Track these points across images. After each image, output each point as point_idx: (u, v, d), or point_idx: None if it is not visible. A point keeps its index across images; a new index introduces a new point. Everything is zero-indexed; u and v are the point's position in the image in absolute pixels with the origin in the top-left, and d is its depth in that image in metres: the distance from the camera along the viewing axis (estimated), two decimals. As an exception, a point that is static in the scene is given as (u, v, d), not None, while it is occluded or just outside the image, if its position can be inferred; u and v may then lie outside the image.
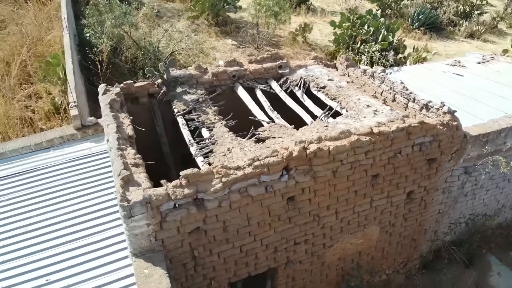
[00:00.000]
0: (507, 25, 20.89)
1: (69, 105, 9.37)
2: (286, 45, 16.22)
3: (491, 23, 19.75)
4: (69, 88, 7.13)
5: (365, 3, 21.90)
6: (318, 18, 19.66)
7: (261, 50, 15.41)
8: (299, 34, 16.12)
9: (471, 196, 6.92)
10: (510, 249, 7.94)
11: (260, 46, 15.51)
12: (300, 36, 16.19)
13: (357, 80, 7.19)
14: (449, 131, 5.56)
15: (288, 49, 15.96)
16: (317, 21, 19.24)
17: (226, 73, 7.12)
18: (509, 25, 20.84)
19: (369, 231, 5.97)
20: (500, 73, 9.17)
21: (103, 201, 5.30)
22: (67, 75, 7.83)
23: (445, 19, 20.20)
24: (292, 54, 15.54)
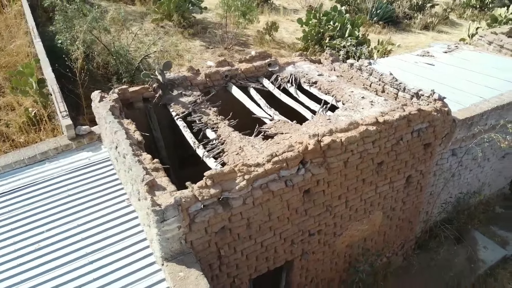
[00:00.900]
0: (457, 16, 22.26)
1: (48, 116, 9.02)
2: (254, 44, 16.37)
3: (443, 15, 20.98)
4: (55, 98, 6.87)
5: (324, 0, 22.50)
6: (281, 16, 19.98)
7: (231, 50, 15.48)
8: (267, 32, 16.32)
9: (457, 176, 7.40)
10: (491, 223, 8.56)
11: (230, 46, 15.55)
12: (268, 35, 16.39)
13: (345, 73, 7.46)
14: (442, 116, 5.93)
15: (257, 48, 16.11)
16: (280, 20, 19.51)
17: (218, 74, 7.15)
18: (459, 15, 22.22)
19: (374, 216, 6.25)
20: (467, 60, 9.81)
21: (114, 210, 5.19)
22: (49, 84, 7.52)
23: (400, 12, 21.20)
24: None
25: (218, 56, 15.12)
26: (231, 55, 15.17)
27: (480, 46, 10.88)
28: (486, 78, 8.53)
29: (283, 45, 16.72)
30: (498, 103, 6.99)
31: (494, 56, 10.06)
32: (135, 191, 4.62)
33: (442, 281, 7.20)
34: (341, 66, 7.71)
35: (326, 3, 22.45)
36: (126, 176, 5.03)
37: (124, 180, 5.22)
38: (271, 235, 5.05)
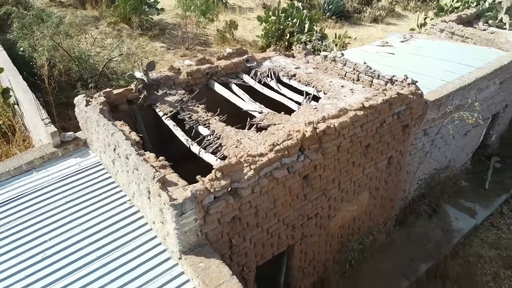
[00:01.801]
0: (401, 8, 23.57)
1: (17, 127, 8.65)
2: (216, 43, 16.47)
3: (389, 7, 22.17)
4: (37, 106, 6.65)
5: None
6: (238, 15, 20.17)
7: (193, 50, 15.48)
8: (227, 31, 16.46)
9: (429, 154, 7.99)
10: (458, 196, 9.31)
11: (191, 46, 15.54)
12: (228, 34, 16.54)
13: (320, 65, 7.80)
14: (417, 98, 6.43)
15: (219, 47, 16.24)
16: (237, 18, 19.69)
17: (200, 72, 7.24)
18: (403, 7, 23.55)
19: (361, 197, 6.64)
20: (424, 48, 10.54)
21: (117, 212, 5.17)
22: (23, 94, 7.23)
23: (350, 7, 22.11)
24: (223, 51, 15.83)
25: (181, 56, 15.09)
26: (194, 55, 15.18)
27: (433, 34, 11.70)
28: (444, 63, 9.25)
29: (244, 43, 16.93)
30: (460, 84, 7.64)
31: (447, 43, 10.88)
32: (143, 190, 4.65)
33: (424, 252, 7.77)
34: (314, 59, 8.06)
35: (280, 0, 22.94)
36: (128, 177, 5.03)
37: (126, 181, 5.20)
38: (276, 221, 5.26)
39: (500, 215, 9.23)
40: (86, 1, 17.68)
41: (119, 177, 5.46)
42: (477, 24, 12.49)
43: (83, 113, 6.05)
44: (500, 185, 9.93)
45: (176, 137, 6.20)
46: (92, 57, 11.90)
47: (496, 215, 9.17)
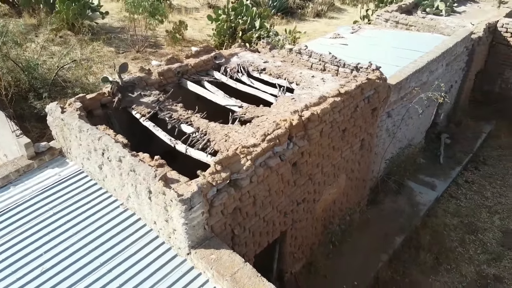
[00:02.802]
0: (340, 2, 24.66)
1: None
2: (166, 44, 16.27)
3: (329, 2, 23.11)
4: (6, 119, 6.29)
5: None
6: (184, 15, 20.02)
7: (144, 53, 15.20)
8: (176, 32, 16.31)
9: (393, 135, 8.57)
10: (418, 172, 10.04)
11: (142, 49, 15.25)
12: (178, 34, 16.39)
13: (286, 58, 8.08)
14: (383, 83, 6.90)
15: (170, 48, 16.07)
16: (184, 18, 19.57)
17: (171, 71, 7.23)
18: (342, 1, 24.65)
19: (340, 180, 7.01)
20: (373, 37, 11.21)
21: (112, 217, 5.09)
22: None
23: (292, 3, 22.74)
24: (175, 52, 15.72)
25: (132, 60, 14.75)
26: (146, 57, 14.91)
27: (379, 24, 12.47)
28: (395, 50, 9.93)
29: (195, 43, 16.87)
30: (415, 68, 8.27)
31: (393, 31, 11.65)
32: (142, 191, 4.63)
33: (396, 226, 8.33)
34: (280, 52, 8.33)
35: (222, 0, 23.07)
36: (122, 180, 4.96)
37: (118, 185, 5.12)
38: (271, 209, 5.45)
39: (457, 186, 10.10)
40: (22, 9, 16.67)
41: (108, 182, 5.35)
42: (415, 12, 13.48)
43: (58, 120, 5.83)
44: (452, 158, 10.85)
45: (153, 138, 6.18)
46: (40, 65, 11.31)
47: (453, 186, 10.03)
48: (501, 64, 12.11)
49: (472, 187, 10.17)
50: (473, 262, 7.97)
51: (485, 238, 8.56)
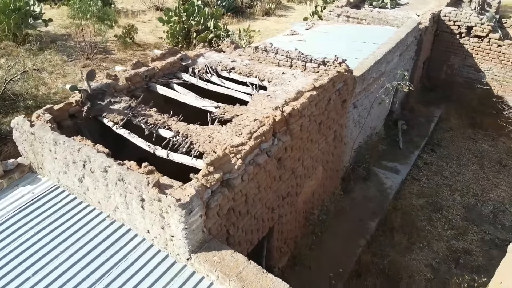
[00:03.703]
0: (286, 0, 25.12)
1: None
2: (117, 49, 15.74)
3: (277, 0, 23.46)
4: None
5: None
6: (131, 19, 19.44)
7: (94, 60, 14.62)
8: (127, 36, 15.83)
9: (360, 125, 8.91)
10: (381, 159, 10.50)
11: (91, 56, 14.65)
12: (128, 38, 15.92)
13: (252, 56, 8.13)
14: (350, 75, 7.16)
15: (121, 53, 15.58)
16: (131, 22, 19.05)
17: (138, 75, 7.03)
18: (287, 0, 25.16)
19: (317, 171, 7.19)
20: (328, 32, 11.56)
21: (100, 230, 4.88)
22: None
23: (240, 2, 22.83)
24: (128, 57, 15.28)
25: (82, 67, 14.14)
26: (97, 64, 14.35)
27: (331, 20, 12.86)
28: (352, 43, 10.31)
29: (146, 47, 16.48)
30: (375, 59, 8.65)
31: (346, 25, 12.08)
32: (133, 200, 4.48)
33: (369, 212, 8.68)
34: (245, 51, 8.36)
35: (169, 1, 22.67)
36: (108, 191, 4.77)
37: (103, 196, 4.91)
38: (260, 206, 5.48)
39: (417, 168, 10.70)
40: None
41: (91, 195, 5.12)
42: (363, 6, 14.06)
43: (26, 135, 5.49)
44: (410, 143, 11.47)
45: (125, 146, 6.00)
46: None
47: (414, 169, 10.61)
48: (446, 51, 12.98)
49: (431, 168, 10.82)
50: (442, 238, 8.49)
51: (449, 215, 9.15)
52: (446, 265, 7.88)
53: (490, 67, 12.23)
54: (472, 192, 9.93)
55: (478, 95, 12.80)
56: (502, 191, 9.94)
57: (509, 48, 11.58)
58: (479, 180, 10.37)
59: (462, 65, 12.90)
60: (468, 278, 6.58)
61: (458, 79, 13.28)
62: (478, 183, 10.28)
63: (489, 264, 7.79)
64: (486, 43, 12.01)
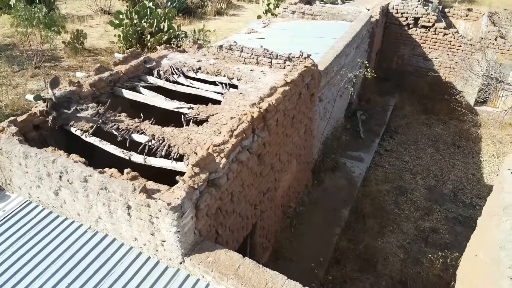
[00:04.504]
0: (236, 0, 25.23)
1: None
2: (66, 56, 15.06)
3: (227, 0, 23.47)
4: None
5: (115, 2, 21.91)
6: (78, 24, 18.64)
7: (44, 68, 13.90)
8: (76, 42, 15.18)
9: (325, 118, 9.15)
10: (345, 149, 10.84)
11: (40, 64, 13.92)
12: (78, 44, 15.27)
13: (217, 55, 8.11)
14: (316, 69, 7.34)
15: (72, 60, 14.93)
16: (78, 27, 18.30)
17: (103, 80, 6.81)
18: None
19: (292, 165, 7.31)
20: (286, 29, 11.75)
21: (83, 243, 4.67)
22: None
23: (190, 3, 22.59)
24: (79, 63, 14.67)
25: (31, 77, 13.45)
26: (46, 72, 13.65)
27: (286, 17, 13.08)
28: (310, 39, 10.55)
29: (97, 52, 15.90)
30: (335, 53, 8.91)
31: (301, 22, 12.33)
32: (119, 208, 4.33)
33: (341, 200, 8.95)
34: (209, 50, 8.31)
35: (117, 5, 21.99)
36: (89, 201, 4.57)
37: (83, 208, 4.70)
38: (245, 203, 5.50)
39: (379, 155, 11.16)
40: None
41: (68, 207, 4.89)
42: (314, 2, 14.42)
43: (-11, 150, 5.12)
44: (370, 132, 11.94)
45: (95, 155, 5.80)
46: None
47: (377, 157, 11.07)
48: (396, 42, 13.62)
49: (392, 155, 11.33)
50: (410, 220, 8.93)
51: (414, 197, 9.64)
52: (416, 245, 8.30)
53: (438, 55, 13.00)
54: (432, 174, 10.52)
55: (428, 82, 13.57)
56: (459, 170, 10.63)
57: (455, 36, 12.37)
58: (437, 162, 11.01)
59: (411, 55, 13.61)
60: (441, 255, 6.99)
61: (408, 68, 13.99)
62: (436, 165, 10.91)
63: (455, 240, 8.31)
64: (433, 33, 12.75)
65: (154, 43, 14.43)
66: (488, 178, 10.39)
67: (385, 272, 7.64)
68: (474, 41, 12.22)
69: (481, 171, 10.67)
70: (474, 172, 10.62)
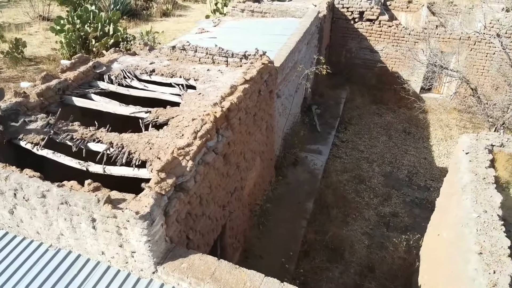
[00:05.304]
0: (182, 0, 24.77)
1: None
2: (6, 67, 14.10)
3: (172, 0, 23.00)
4: None
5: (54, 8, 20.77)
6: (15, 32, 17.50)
7: (-21, 81, 12.93)
8: (15, 51, 14.25)
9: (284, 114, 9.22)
10: (304, 143, 11.01)
11: (-26, 77, 12.95)
12: (17, 53, 14.35)
13: (171, 56, 7.92)
14: (273, 66, 7.37)
15: (12, 70, 14.02)
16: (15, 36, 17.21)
17: (51, 89, 6.44)
18: None
19: (256, 163, 7.30)
20: (236, 28, 11.71)
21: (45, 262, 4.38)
22: None
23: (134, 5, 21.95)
24: (19, 73, 13.81)
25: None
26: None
27: (236, 15, 13.04)
28: (262, 36, 10.58)
29: (39, 60, 15.03)
30: (288, 50, 9.00)
31: (252, 20, 12.35)
32: (83, 222, 4.10)
33: (304, 193, 9.07)
34: (161, 52, 8.10)
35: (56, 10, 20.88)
36: (48, 218, 4.29)
37: (43, 225, 4.40)
38: (213, 205, 5.40)
39: (336, 147, 11.44)
40: None
41: (26, 226, 4.56)
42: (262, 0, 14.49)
43: None
44: (326, 125, 12.21)
45: (46, 169, 5.48)
46: None
47: (334, 148, 11.34)
48: (343, 36, 14.02)
49: (348, 145, 11.67)
50: (371, 207, 9.24)
51: (372, 184, 9.98)
52: (379, 230, 8.60)
53: (383, 47, 13.53)
54: (387, 161, 10.94)
55: (376, 73, 14.10)
56: (412, 156, 11.14)
57: (398, 28, 12.94)
58: (390, 149, 11.47)
59: (359, 48, 14.06)
60: (404, 238, 7.28)
61: (357, 61, 14.44)
62: (390, 152, 11.36)
63: (415, 222, 8.70)
64: (378, 25, 13.26)
65: (100, 47, 13.88)
66: (439, 160, 10.98)
67: (353, 259, 7.84)
68: (417, 32, 12.85)
69: (432, 154, 11.26)
70: (426, 156, 11.19)
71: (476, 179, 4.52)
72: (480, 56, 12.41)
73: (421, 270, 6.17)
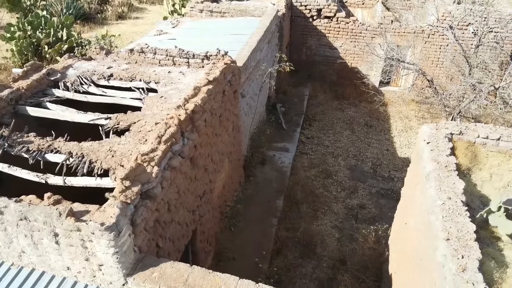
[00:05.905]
0: (138, 2, 24.19)
1: None
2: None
3: (128, 2, 22.42)
4: None
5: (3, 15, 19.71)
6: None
7: None
8: (-41, 60, 13.43)
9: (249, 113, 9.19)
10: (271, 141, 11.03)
11: None
12: (-38, 62, 13.53)
13: (129, 60, 7.69)
14: (236, 65, 7.32)
15: (-43, 81, 13.13)
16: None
17: (3, 100, 6.10)
18: (139, 1, 24.21)
19: (225, 164, 7.23)
20: (196, 28, 11.56)
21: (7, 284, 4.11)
22: None
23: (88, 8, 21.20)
24: None
25: None
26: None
27: (195, 16, 12.87)
28: (222, 36, 10.49)
29: (-13, 70, 14.20)
30: (250, 49, 8.97)
31: (211, 20, 12.23)
32: (45, 237, 3.89)
33: (273, 191, 9.08)
34: (119, 55, 7.86)
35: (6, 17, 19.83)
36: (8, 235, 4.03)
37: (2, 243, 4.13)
38: (183, 210, 5.29)
39: (302, 144, 11.55)
40: None
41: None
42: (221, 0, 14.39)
43: None
44: (291, 122, 12.29)
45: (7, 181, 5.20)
46: None
47: (300, 145, 11.44)
48: (302, 34, 14.16)
49: (313, 141, 11.80)
50: (339, 200, 9.39)
51: (339, 178, 10.15)
52: (348, 223, 8.75)
53: (342, 43, 13.79)
54: (351, 155, 11.17)
55: (336, 69, 14.34)
56: (375, 148, 11.43)
57: (355, 24, 13.22)
58: (354, 143, 11.71)
59: (318, 45, 14.25)
60: (373, 228, 7.43)
61: (317, 58, 14.63)
62: (354, 145, 11.60)
63: (382, 213, 8.92)
64: (335, 22, 13.49)
65: (54, 54, 13.32)
66: (401, 151, 11.33)
67: (324, 253, 7.94)
68: (373, 27, 13.18)
69: (393, 145, 11.60)
70: (388, 148, 11.51)
71: (438, 167, 4.67)
72: (434, 49, 12.90)
73: (391, 259, 6.32)
